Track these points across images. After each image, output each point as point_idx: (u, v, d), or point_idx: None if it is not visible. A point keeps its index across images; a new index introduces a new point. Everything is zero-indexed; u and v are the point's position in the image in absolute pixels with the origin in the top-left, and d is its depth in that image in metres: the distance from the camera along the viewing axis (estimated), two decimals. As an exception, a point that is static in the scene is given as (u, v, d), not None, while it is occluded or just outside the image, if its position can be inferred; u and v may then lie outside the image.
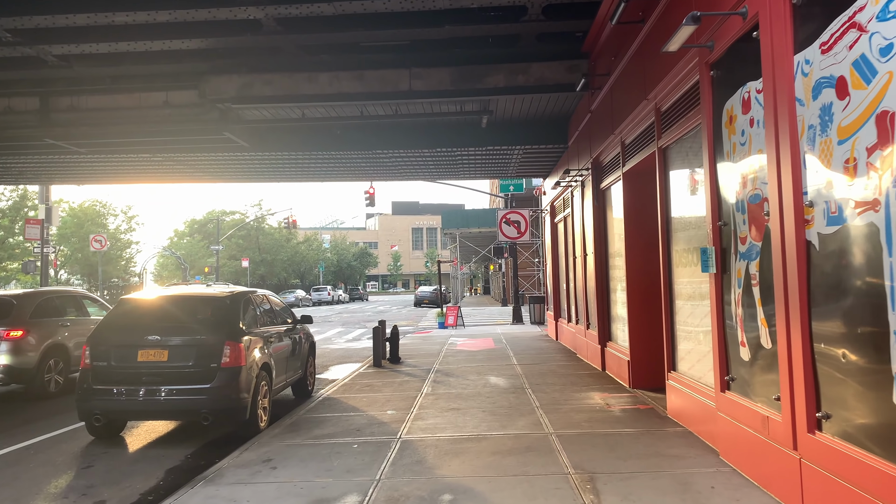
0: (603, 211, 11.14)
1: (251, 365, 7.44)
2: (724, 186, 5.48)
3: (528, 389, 9.53)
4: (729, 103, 5.27)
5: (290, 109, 12.38)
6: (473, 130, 13.89)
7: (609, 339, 10.96)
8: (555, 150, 14.52)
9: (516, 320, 23.96)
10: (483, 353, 14.65)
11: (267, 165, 16.06)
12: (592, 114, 11.12)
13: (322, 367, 14.13)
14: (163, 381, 7.01)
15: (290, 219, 44.75)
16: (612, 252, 10.69)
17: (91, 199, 46.95)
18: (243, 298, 8.07)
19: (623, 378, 9.66)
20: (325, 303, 58.46)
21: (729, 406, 5.44)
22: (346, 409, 8.60)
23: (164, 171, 16.53)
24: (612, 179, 10.32)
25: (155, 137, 13.40)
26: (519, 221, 23.77)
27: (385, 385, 10.51)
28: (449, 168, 17.24)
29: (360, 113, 12.51)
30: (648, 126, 8.11)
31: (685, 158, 6.90)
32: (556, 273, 17.50)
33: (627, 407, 8.04)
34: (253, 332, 7.81)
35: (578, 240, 13.09)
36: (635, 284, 9.28)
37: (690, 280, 6.82)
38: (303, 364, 9.96)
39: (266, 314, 8.78)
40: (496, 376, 10.94)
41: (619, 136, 9.47)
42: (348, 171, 17.32)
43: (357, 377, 11.59)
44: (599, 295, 11.15)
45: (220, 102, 11.78)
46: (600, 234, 11.17)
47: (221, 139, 13.47)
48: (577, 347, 13.67)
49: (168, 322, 7.32)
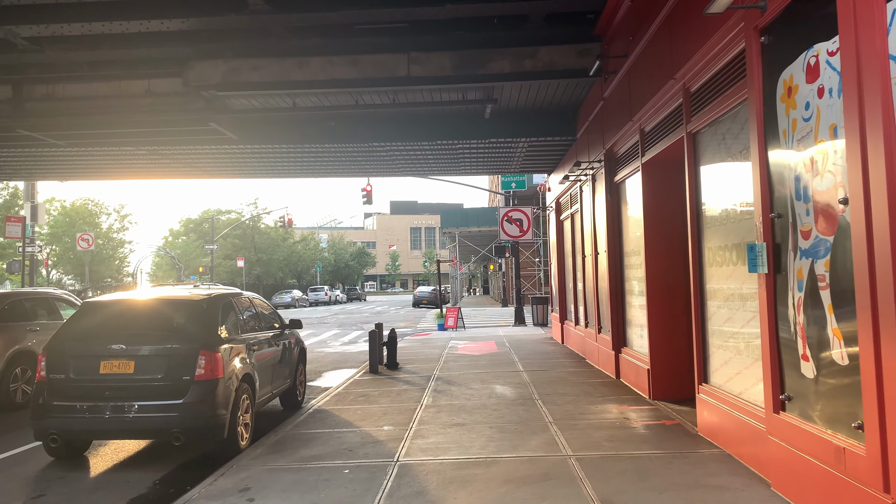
0: (617, 206, 10.33)
1: (230, 377, 6.61)
2: (777, 171, 4.67)
3: (539, 400, 8.71)
4: (787, 72, 4.45)
5: (279, 98, 11.55)
6: (476, 122, 13.06)
7: (624, 345, 10.15)
8: (562, 142, 13.71)
9: (519, 322, 23.14)
10: (486, 357, 13.83)
11: (257, 160, 15.23)
12: (606, 101, 10.31)
13: (315, 374, 13.30)
14: (128, 396, 6.17)
15: (286, 217, 43.86)
16: (628, 250, 9.87)
17: (83, 197, 46.06)
18: (222, 302, 7.23)
19: (642, 388, 8.84)
20: (323, 303, 57.56)
21: (785, 430, 4.62)
22: (338, 424, 7.78)
23: (150, 165, 15.69)
24: (628, 171, 9.50)
25: (137, 129, 12.57)
26: (521, 219, 22.99)
27: (382, 395, 9.68)
28: (450, 163, 16.41)
29: (354, 102, 11.69)
30: (674, 110, 7.29)
31: (722, 143, 6.08)
32: (562, 273, 16.69)
33: (651, 422, 7.22)
34: (233, 340, 6.98)
35: (588, 237, 12.27)
36: (656, 285, 8.47)
37: (728, 281, 6.00)
38: (291, 372, 9.13)
39: (249, 318, 7.95)
40: (502, 385, 10.11)
41: (638, 124, 8.66)
42: (344, 167, 16.48)
43: (352, 385, 10.77)
44: (613, 297, 10.33)
45: (204, 90, 10.96)
46: (614, 230, 10.35)
47: (208, 131, 12.64)
48: (586, 352, 12.86)
49: (135, 329, 6.48)
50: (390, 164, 16.32)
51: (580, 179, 12.67)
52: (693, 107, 6.65)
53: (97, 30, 9.33)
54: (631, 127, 8.95)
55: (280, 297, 50.51)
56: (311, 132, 13.23)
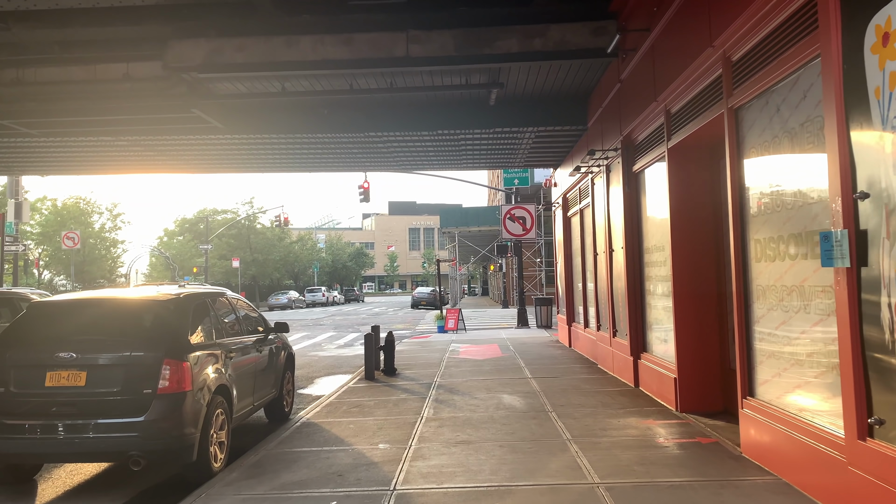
0: (635, 198, 9.44)
1: (201, 389, 5.70)
2: (864, 140, 3.78)
3: (552, 413, 7.81)
4: (881, 15, 3.56)
5: (267, 81, 10.65)
6: (480, 109, 12.16)
7: (644, 350, 9.25)
8: (571, 132, 12.81)
9: (521, 324, 22.23)
10: (490, 362, 12.94)
11: (246, 152, 14.31)
12: (623, 83, 9.42)
13: (307, 380, 12.39)
14: (78, 413, 5.27)
15: (281, 216, 42.86)
16: (649, 246, 8.98)
17: (74, 196, 45.16)
18: (194, 303, 6.32)
19: (666, 398, 7.95)
20: (320, 304, 56.62)
21: (873, 461, 3.73)
22: (328, 441, 6.87)
23: (131, 158, 14.77)
24: (650, 159, 8.62)
25: (115, 116, 11.68)
26: (524, 217, 22.10)
27: (378, 405, 8.78)
28: (451, 156, 15.51)
29: (349, 86, 10.79)
30: (711, 84, 6.41)
31: (775, 116, 5.19)
32: (569, 272, 15.80)
33: (684, 440, 6.32)
34: (206, 346, 6.08)
35: (601, 233, 11.38)
36: (684, 285, 7.57)
37: (784, 278, 5.11)
38: (277, 381, 8.23)
39: (228, 321, 7.04)
40: (510, 394, 9.21)
41: (663, 105, 7.77)
42: (339, 160, 15.57)
43: (346, 393, 9.87)
44: (631, 297, 9.43)
45: (185, 72, 10.05)
46: (632, 225, 9.46)
47: (191, 119, 11.74)
48: (597, 357, 11.96)
49: (88, 334, 5.58)
50: (388, 157, 15.42)
51: (592, 171, 11.78)
52: (736, 78, 5.76)
53: (66, 4, 8.44)
54: (654, 109, 8.06)
55: (276, 299, 49.58)
56: (302, 121, 12.32)
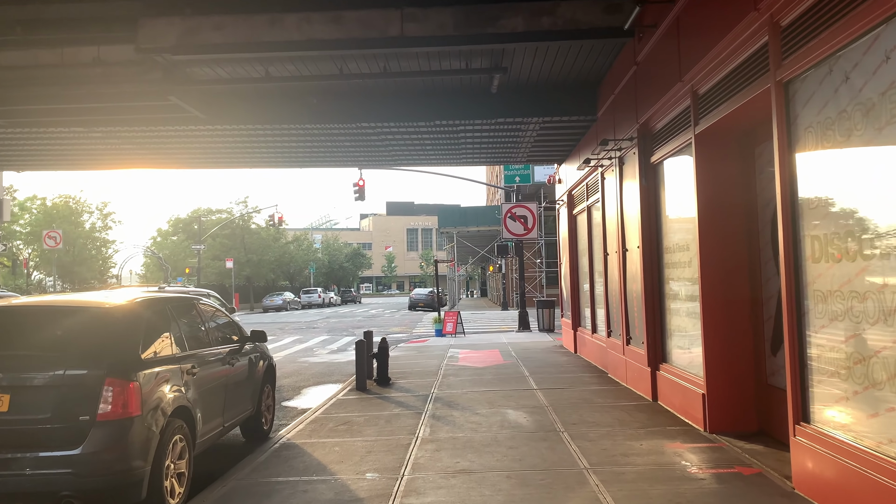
0: (654, 192, 8.55)
1: (154, 412, 4.80)
2: None
3: (564, 433, 6.91)
4: None
5: (249, 65, 9.76)
6: (481, 98, 11.27)
7: (663, 360, 8.36)
8: (579, 123, 11.93)
9: (523, 327, 21.34)
10: (491, 370, 12.04)
11: (230, 145, 13.39)
12: (640, 66, 8.54)
13: (293, 390, 11.49)
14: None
15: (276, 216, 41.86)
16: (669, 245, 8.10)
17: (63, 195, 44.21)
18: (149, 309, 5.41)
19: (693, 416, 7.06)
20: (316, 305, 55.69)
21: None
22: (309, 468, 5.97)
23: (108, 151, 13.84)
24: (671, 149, 7.73)
25: (86, 104, 10.79)
26: (526, 216, 21.25)
27: (368, 422, 7.88)
28: (449, 150, 14.61)
29: (338, 70, 9.89)
30: (753, 56, 5.52)
31: (843, 86, 4.30)
32: (575, 274, 14.91)
33: (722, 470, 5.43)
34: (163, 361, 5.18)
35: (612, 232, 10.50)
36: (714, 288, 6.69)
37: (852, 282, 4.22)
38: (255, 396, 7.33)
39: (194, 331, 6.14)
40: (515, 408, 8.32)
41: (690, 85, 6.88)
42: (330, 154, 14.67)
43: (334, 407, 8.97)
44: (649, 301, 8.55)
45: (159, 54, 9.15)
46: (650, 222, 8.58)
47: (169, 107, 10.84)
48: (607, 365, 11.07)
49: (13, 349, 4.68)
50: (383, 151, 14.53)
51: (602, 164, 10.90)
52: (787, 45, 4.88)
53: (22, -25, 7.57)
54: (678, 91, 7.18)
55: (271, 300, 48.64)
56: (290, 110, 11.41)
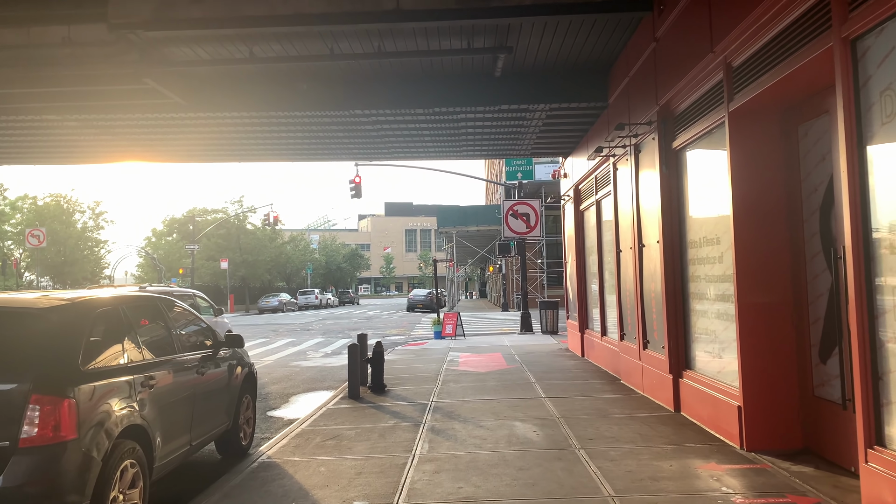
0: (676, 181, 7.74)
1: (96, 435, 3.98)
2: None
3: (581, 451, 6.10)
4: None
5: (232, 44, 8.94)
6: (484, 82, 10.46)
7: (687, 367, 7.55)
8: (588, 112, 11.12)
9: (525, 329, 20.51)
10: (494, 375, 11.22)
11: (215, 135, 12.56)
12: (661, 41, 7.74)
13: (281, 398, 10.66)
14: None
15: (270, 215, 40.91)
16: (695, 239, 7.29)
17: (53, 193, 43.38)
18: (94, 312, 4.57)
19: (725, 431, 6.25)
20: (313, 307, 54.81)
21: None
22: (288, 494, 5.15)
23: (84, 142, 13.00)
24: (697, 131, 6.92)
25: (57, 88, 10.03)
26: (528, 214, 20.45)
27: (359, 436, 7.05)
28: (449, 142, 13.79)
29: (329, 50, 9.07)
30: (806, 13, 4.71)
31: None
32: (582, 273, 14.10)
33: (772, 500, 4.62)
34: (110, 372, 4.35)
35: (626, 226, 9.69)
36: (752, 287, 5.88)
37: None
38: (231, 408, 6.50)
39: (156, 335, 5.31)
40: (523, 421, 7.50)
41: (723, 57, 6.07)
42: (322, 146, 13.85)
43: (323, 418, 8.15)
44: (670, 302, 7.74)
45: (132, 30, 8.35)
46: (672, 214, 7.77)
47: (146, 92, 10.03)
48: (620, 371, 10.25)
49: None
50: (379, 143, 13.71)
51: (614, 154, 10.09)
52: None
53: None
54: (708, 65, 6.37)
55: (266, 301, 47.78)
56: (278, 96, 10.59)
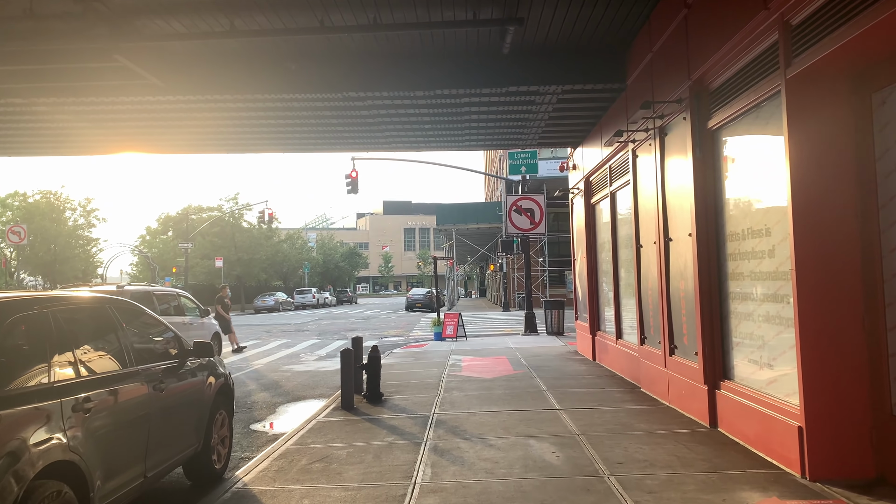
0: (712, 165, 6.82)
1: (2, 476, 3.05)
2: None
3: (611, 478, 5.17)
4: None
5: (211, 16, 8.01)
6: (490, 61, 9.53)
7: (725, 376, 6.62)
8: (604, 94, 10.19)
9: (530, 330, 19.59)
10: (501, 383, 10.29)
11: (198, 122, 11.60)
12: (693, 7, 6.82)
13: (268, 408, 9.73)
14: None
15: (265, 212, 39.89)
16: (737, 231, 6.36)
17: (42, 190, 42.37)
18: (6, 319, 3.64)
19: (780, 454, 5.33)
20: (310, 306, 53.87)
21: None
22: (262, 539, 4.23)
23: (55, 129, 12.04)
24: (743, 105, 5.99)
25: (21, 66, 9.15)
26: (532, 210, 19.56)
27: (351, 457, 6.12)
28: (451, 131, 12.85)
29: (319, 22, 8.13)
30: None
31: None
32: (593, 270, 13.18)
33: (864, 552, 3.70)
34: (27, 395, 3.42)
35: (649, 219, 8.77)
36: (815, 286, 4.95)
37: None
38: (201, 428, 5.57)
39: (101, 345, 4.38)
40: (538, 439, 6.57)
41: (779, 13, 5.13)
42: (315, 134, 12.90)
43: (311, 434, 7.22)
44: (705, 302, 6.81)
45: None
46: (707, 203, 6.84)
47: (120, 71, 9.13)
48: (641, 378, 9.33)
49: None
50: (376, 132, 12.77)
51: (634, 140, 9.17)
52: None
53: None
54: (760, 24, 5.44)
55: (262, 300, 46.84)
56: (265, 77, 9.66)
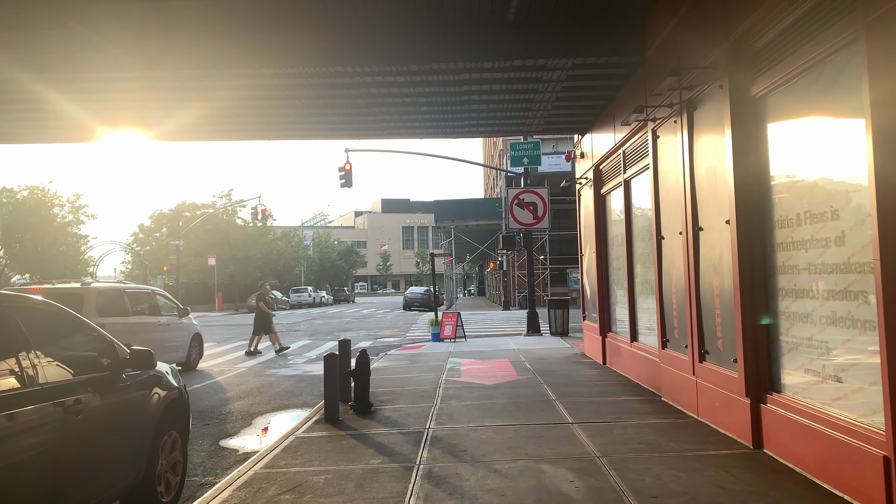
0: (756, 139, 5.82)
1: None
2: None
3: (648, 520, 4.18)
4: None
5: (174, -28, 7.01)
6: (494, 29, 8.53)
7: (773, 389, 5.63)
8: (618, 70, 9.19)
9: (532, 330, 18.61)
10: (504, 390, 9.30)
11: (169, 102, 10.53)
12: (734, -46, 5.82)
13: (243, 419, 8.72)
14: None
15: (259, 208, 38.74)
16: (788, 216, 5.36)
17: (28, 186, 41.29)
18: None
19: (855, 488, 4.33)
20: (306, 305, 52.92)
21: None
22: None
23: (11, 113, 11.00)
24: (800, 65, 4.99)
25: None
26: (535, 203, 18.56)
27: (329, 486, 5.12)
28: (449, 115, 11.82)
29: (299, -19, 7.14)
30: None
31: None
32: (603, 266, 12.19)
33: None
34: None
35: (672, 207, 7.78)
36: (905, 279, 3.96)
37: None
38: (142, 454, 4.56)
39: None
40: (552, 462, 5.57)
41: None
42: (304, 120, 11.88)
43: (286, 453, 6.22)
44: (747, 300, 5.81)
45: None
46: (749, 184, 5.85)
47: (76, 41, 8.11)
48: (662, 386, 8.33)
49: None
50: (367, 115, 11.75)
51: (654, 118, 8.17)
52: None
53: None
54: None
55: (257, 300, 45.75)
56: (239, 48, 8.64)
